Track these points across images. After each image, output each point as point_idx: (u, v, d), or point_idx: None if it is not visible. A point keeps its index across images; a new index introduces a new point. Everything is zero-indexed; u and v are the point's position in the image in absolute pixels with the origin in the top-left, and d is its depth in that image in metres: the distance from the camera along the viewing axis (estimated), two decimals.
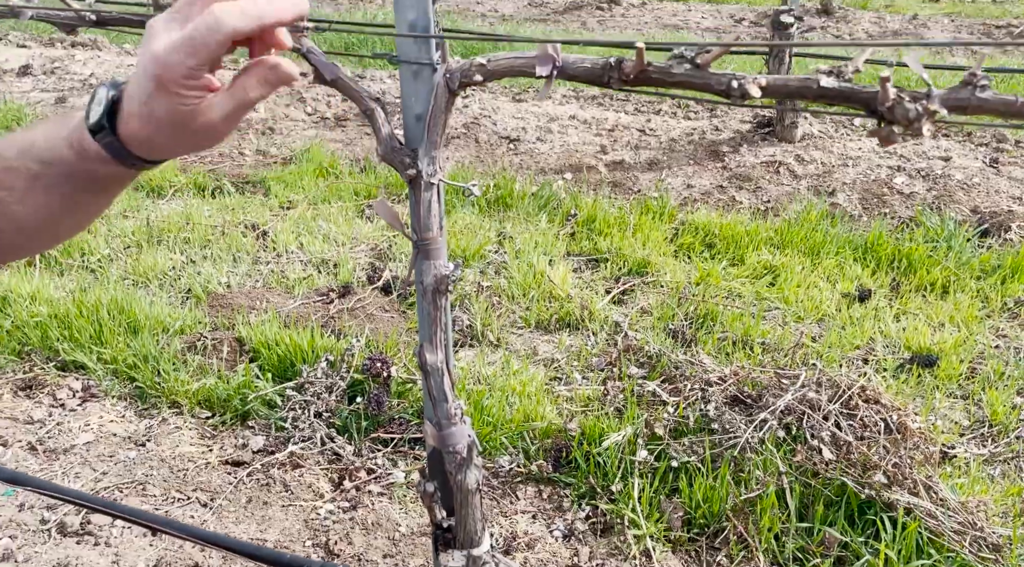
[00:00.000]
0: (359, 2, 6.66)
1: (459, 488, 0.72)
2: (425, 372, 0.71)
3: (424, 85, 0.71)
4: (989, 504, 1.51)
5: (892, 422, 1.60)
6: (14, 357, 2.02)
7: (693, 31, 5.78)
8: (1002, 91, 0.57)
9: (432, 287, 0.72)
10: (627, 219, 2.85)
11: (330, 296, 2.37)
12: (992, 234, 2.69)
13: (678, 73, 0.58)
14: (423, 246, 0.74)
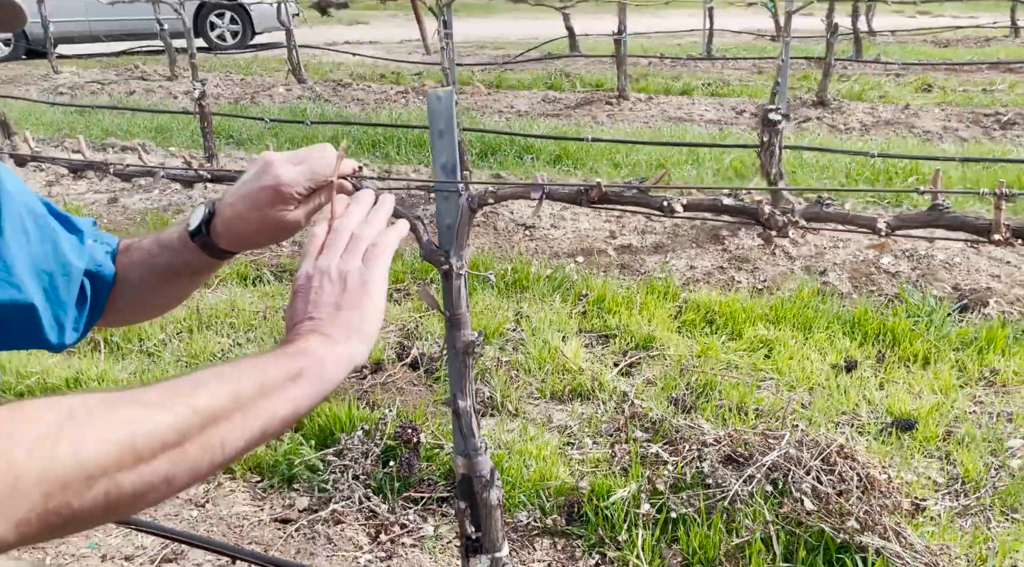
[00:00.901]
0: (384, 102, 7.16)
1: (484, 504, 0.95)
2: (457, 415, 0.96)
3: (453, 205, 0.98)
4: (954, 548, 1.69)
5: (863, 476, 1.80)
6: None
7: (697, 123, 6.16)
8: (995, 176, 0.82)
9: (462, 350, 0.97)
10: (634, 298, 3.11)
11: (363, 373, 2.62)
12: (971, 309, 2.91)
13: (627, 196, 0.84)
14: (454, 319, 1.00)
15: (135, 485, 0.53)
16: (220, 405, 0.58)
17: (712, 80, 7.85)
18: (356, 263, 0.75)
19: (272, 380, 0.62)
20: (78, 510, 0.50)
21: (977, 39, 10.48)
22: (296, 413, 0.64)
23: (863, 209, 3.95)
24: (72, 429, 0.51)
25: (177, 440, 0.55)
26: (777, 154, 3.60)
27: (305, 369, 0.64)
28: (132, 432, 0.53)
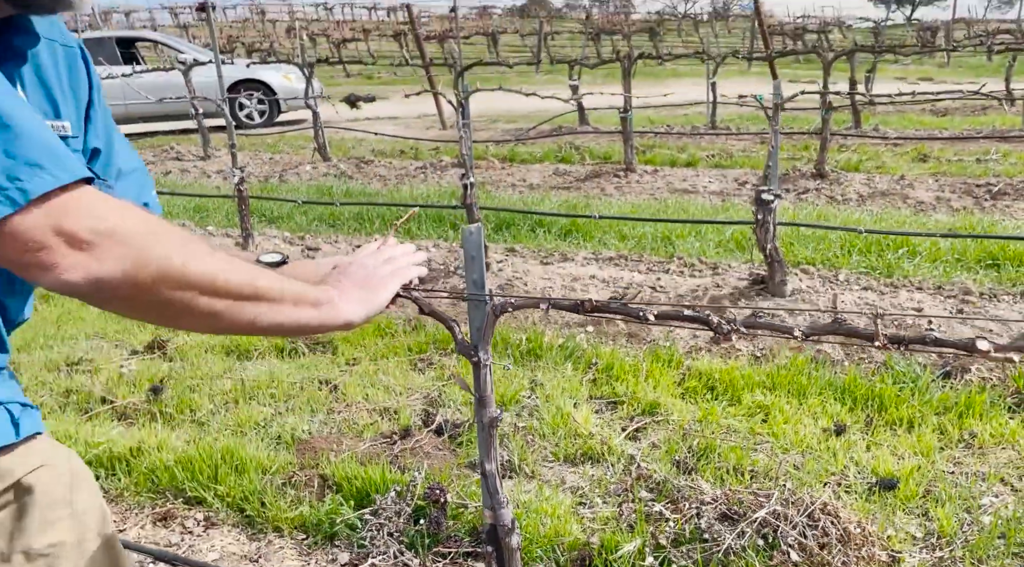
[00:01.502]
0: (404, 177, 7.56)
1: (507, 548, 1.20)
2: (484, 476, 1.22)
3: (480, 311, 1.26)
4: None
5: (844, 531, 2.02)
6: (151, 495, 2.54)
7: (701, 194, 6.50)
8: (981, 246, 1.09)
9: (487, 424, 1.24)
10: (640, 366, 3.36)
11: (393, 438, 2.88)
12: (953, 375, 3.14)
13: (614, 306, 1.12)
14: (482, 400, 1.27)
15: (202, 306, 0.81)
16: (268, 291, 0.88)
17: (716, 151, 8.23)
18: (385, 269, 1.10)
19: (304, 297, 0.93)
20: (161, 299, 0.78)
21: (974, 107, 10.86)
22: (306, 325, 0.94)
23: (856, 278, 4.21)
24: (188, 251, 0.80)
25: (237, 294, 0.84)
26: (771, 231, 3.90)
27: (324, 302, 0.95)
28: (217, 273, 0.82)
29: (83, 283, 0.73)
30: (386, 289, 1.07)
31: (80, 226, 0.72)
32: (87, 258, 0.73)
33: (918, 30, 25.34)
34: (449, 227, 5.48)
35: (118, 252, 0.74)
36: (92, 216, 0.73)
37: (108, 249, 0.74)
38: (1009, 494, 2.44)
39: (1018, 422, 2.79)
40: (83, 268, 0.72)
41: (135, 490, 2.59)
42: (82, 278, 0.73)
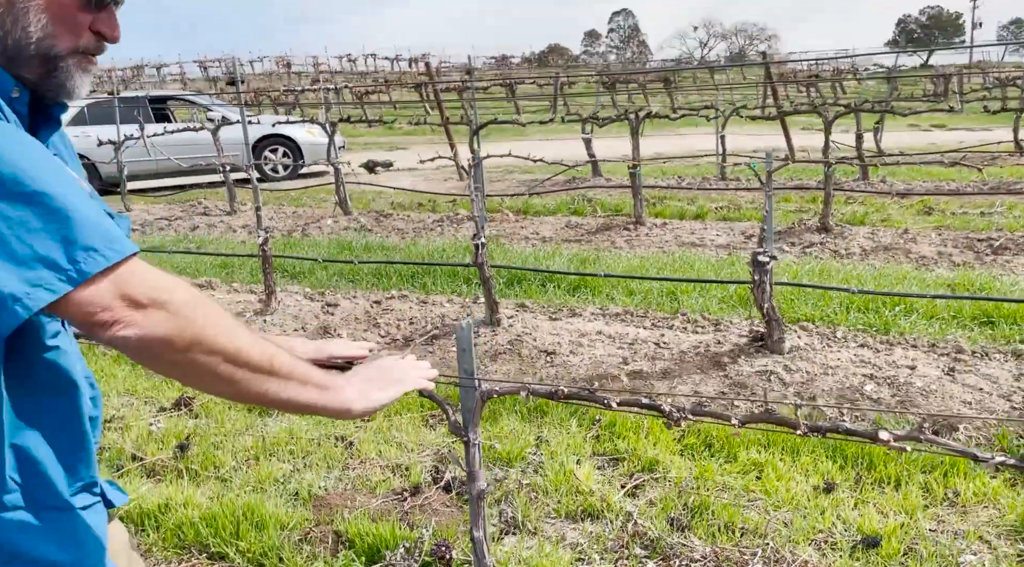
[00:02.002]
0: (421, 231, 7.82)
1: None
2: (473, 541, 1.40)
3: (471, 395, 1.46)
4: None
5: None
6: (177, 550, 2.72)
7: (708, 247, 6.68)
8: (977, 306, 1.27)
9: (476, 496, 1.42)
10: (641, 424, 3.51)
11: (403, 495, 3.04)
12: (941, 434, 3.27)
13: (584, 395, 1.30)
14: (471, 474, 1.45)
15: (224, 372, 0.96)
16: (281, 369, 1.02)
17: (725, 203, 8.43)
18: (395, 374, 1.25)
19: (311, 378, 1.07)
20: (191, 361, 0.93)
21: (984, 157, 11.00)
22: (310, 404, 1.07)
23: (853, 335, 4.35)
24: (221, 325, 0.96)
25: (255, 367, 0.99)
26: (768, 291, 4.07)
27: (329, 387, 1.09)
28: (241, 347, 0.97)
29: (133, 339, 0.90)
30: (389, 390, 1.21)
31: (138, 292, 0.90)
32: (142, 318, 0.89)
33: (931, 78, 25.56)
34: (463, 282, 5.69)
35: (165, 316, 0.90)
36: (147, 284, 0.92)
37: (158, 313, 0.90)
38: (987, 552, 2.55)
39: (1000, 481, 2.91)
40: (136, 326, 0.89)
41: (163, 545, 2.78)
42: (133, 334, 0.90)
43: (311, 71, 36.76)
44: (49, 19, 1.03)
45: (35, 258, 0.85)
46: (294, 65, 39.25)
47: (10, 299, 0.85)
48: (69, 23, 1.05)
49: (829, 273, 5.51)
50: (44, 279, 0.85)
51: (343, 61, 40.27)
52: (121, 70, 39.23)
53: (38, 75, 1.06)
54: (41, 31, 1.03)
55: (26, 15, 1.02)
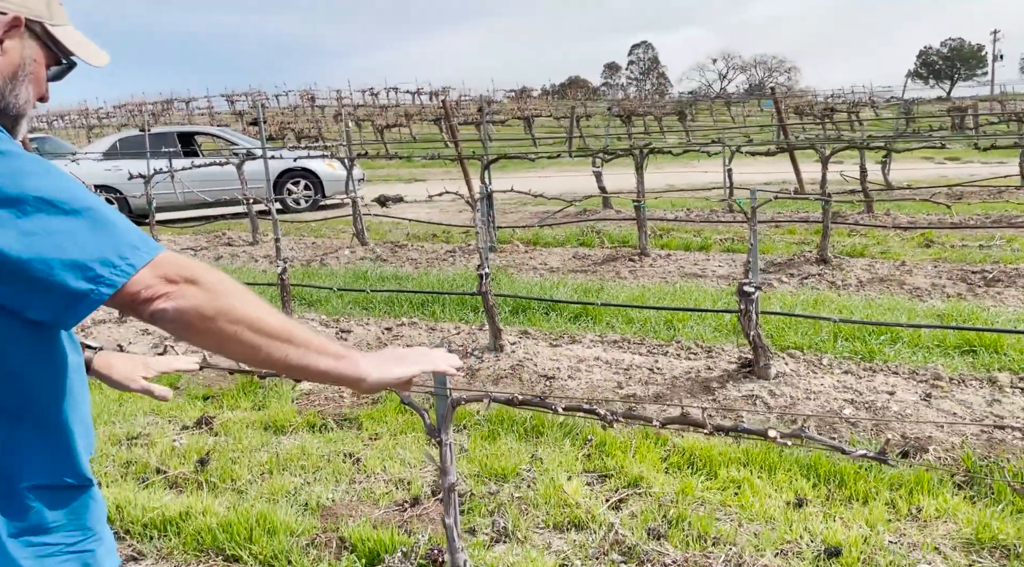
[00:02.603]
0: (434, 261, 8.13)
1: None
2: (444, 527, 1.65)
3: (443, 402, 1.71)
4: None
5: None
6: (196, 553, 2.98)
7: (709, 278, 6.91)
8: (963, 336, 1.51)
9: (447, 488, 1.68)
10: (630, 444, 3.74)
11: (404, 506, 3.29)
12: (911, 455, 3.46)
13: (534, 402, 1.56)
14: (444, 469, 1.70)
15: (247, 338, 1.08)
16: (299, 337, 1.13)
17: (731, 235, 8.66)
18: (417, 357, 1.33)
19: (330, 350, 1.16)
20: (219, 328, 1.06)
21: (990, 190, 11.15)
22: (327, 372, 1.16)
23: (839, 363, 4.55)
24: (244, 298, 1.09)
25: (275, 335, 1.10)
26: (754, 319, 4.29)
27: (344, 356, 1.18)
28: (262, 316, 1.09)
29: (171, 310, 1.05)
30: (406, 365, 1.29)
31: (173, 272, 1.06)
32: (176, 291, 1.05)
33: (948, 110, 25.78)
34: (470, 310, 5.96)
35: (195, 290, 1.06)
36: (180, 266, 1.08)
37: (189, 288, 1.06)
38: (941, 562, 2.74)
39: (960, 498, 3.10)
40: (172, 299, 1.05)
41: (183, 549, 3.04)
42: (171, 306, 1.05)
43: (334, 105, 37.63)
44: (33, 89, 1.26)
45: (95, 259, 1.06)
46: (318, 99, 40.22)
47: (81, 294, 1.06)
48: (39, 89, 1.28)
49: (822, 303, 5.72)
50: (105, 275, 1.06)
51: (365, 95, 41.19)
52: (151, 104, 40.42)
53: (8, 128, 1.24)
54: (25, 98, 1.25)
55: (22, 86, 1.24)
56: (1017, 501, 3.03)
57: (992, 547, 2.78)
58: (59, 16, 1.26)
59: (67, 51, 1.27)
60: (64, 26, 1.27)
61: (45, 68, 1.27)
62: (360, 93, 41.27)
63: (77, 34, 1.30)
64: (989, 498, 3.08)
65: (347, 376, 1.19)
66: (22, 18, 1.20)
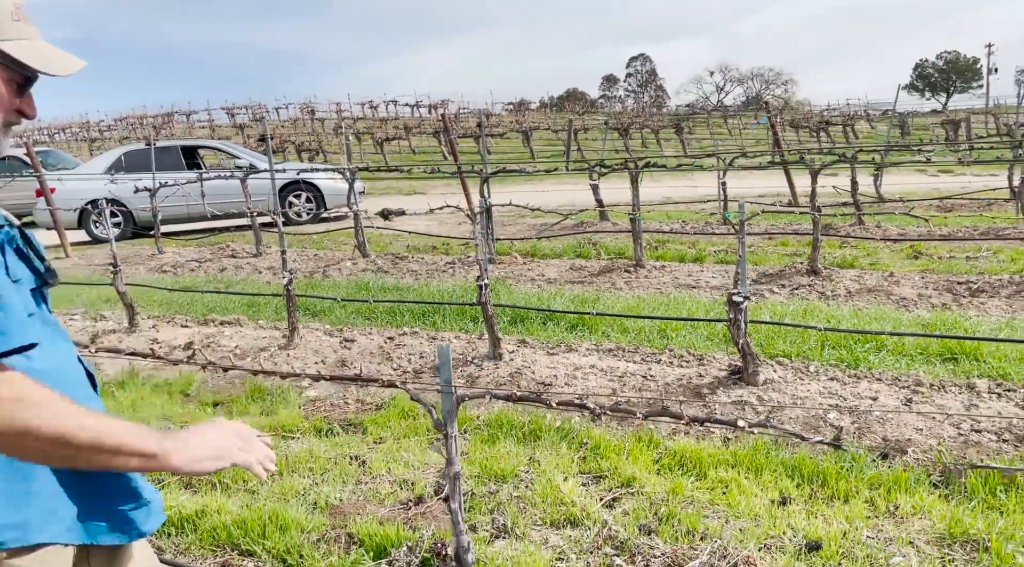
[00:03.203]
0: (434, 273, 8.31)
1: (464, 562, 1.79)
2: (450, 511, 1.82)
3: (448, 399, 1.89)
4: None
5: None
6: (212, 548, 3.15)
7: (703, 289, 7.09)
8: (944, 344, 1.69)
9: (452, 476, 1.85)
10: (624, 446, 3.91)
11: (408, 505, 3.46)
12: (891, 457, 3.64)
13: (532, 397, 1.74)
14: (449, 459, 1.88)
15: (55, 454, 1.14)
16: (110, 446, 1.17)
17: (724, 247, 8.85)
18: (232, 446, 1.38)
19: (141, 448, 1.21)
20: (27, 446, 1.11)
21: (980, 203, 11.37)
22: (140, 468, 1.25)
23: (824, 370, 4.74)
24: (48, 415, 1.12)
25: (83, 447, 1.15)
26: (743, 328, 4.48)
27: (159, 457, 1.23)
28: (66, 432, 1.13)
29: None
30: (221, 460, 1.35)
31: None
32: None
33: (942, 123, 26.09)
34: (470, 320, 6.14)
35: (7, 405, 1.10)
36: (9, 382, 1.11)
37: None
38: (914, 555, 2.91)
39: (936, 497, 3.27)
40: None
41: (199, 544, 3.21)
42: None
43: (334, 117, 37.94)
44: None
45: None
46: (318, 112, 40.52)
47: None
48: (3, 105, 1.32)
49: (811, 313, 5.90)
50: None
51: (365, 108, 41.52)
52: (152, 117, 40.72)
53: None
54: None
55: None
56: (988, 498, 3.21)
57: (963, 541, 2.95)
58: (10, 31, 1.29)
59: (23, 65, 1.29)
60: (18, 40, 1.29)
61: (7, 84, 1.30)
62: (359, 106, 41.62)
63: (43, 47, 1.33)
64: (962, 496, 3.26)
65: (161, 469, 1.27)
66: None
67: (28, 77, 1.32)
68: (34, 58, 1.30)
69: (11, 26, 1.29)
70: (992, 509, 3.15)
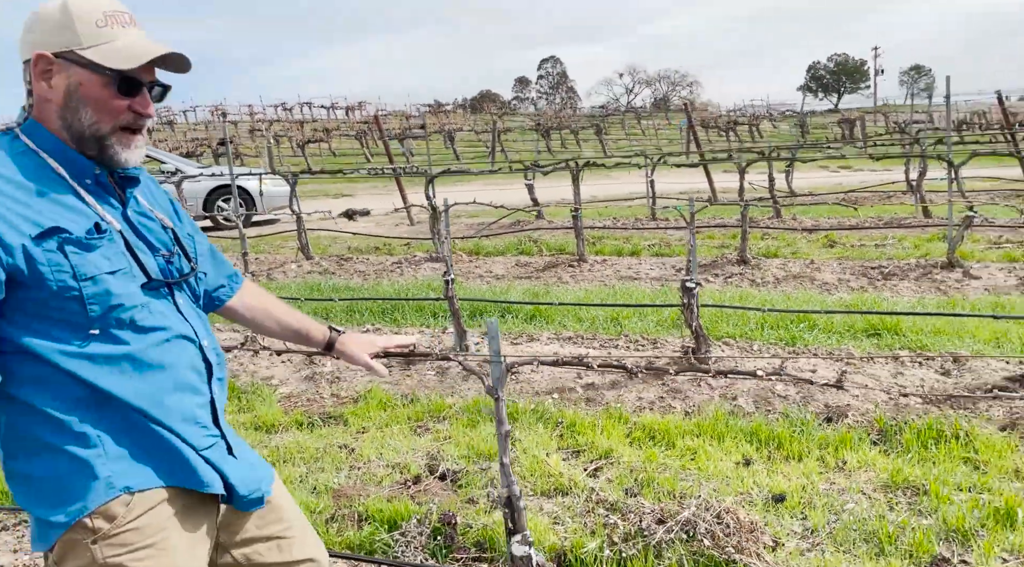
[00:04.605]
0: (382, 272, 8.46)
1: (518, 508, 2.06)
2: (501, 465, 2.09)
3: (498, 367, 2.15)
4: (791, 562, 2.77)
5: (741, 524, 2.90)
6: None
7: (644, 280, 7.53)
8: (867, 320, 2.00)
9: (503, 434, 2.11)
10: (597, 423, 4.24)
11: (407, 484, 3.68)
12: (835, 420, 4.09)
13: (573, 362, 2.02)
14: (499, 419, 2.14)
15: None
16: None
17: (656, 241, 9.35)
18: None
19: None
20: None
21: (881, 196, 12.30)
22: None
23: (767, 348, 5.20)
24: None
25: None
26: (695, 312, 4.88)
27: None
28: None
29: None
30: None
31: None
32: None
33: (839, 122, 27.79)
34: (430, 315, 6.36)
35: None
36: None
37: None
38: (865, 501, 3.34)
39: (877, 452, 3.73)
40: None
41: None
42: None
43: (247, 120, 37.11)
44: (92, 110, 1.35)
45: None
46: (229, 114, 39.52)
47: None
48: (108, 108, 1.36)
49: (747, 298, 6.39)
50: None
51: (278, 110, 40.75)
52: None
53: (96, 152, 1.39)
54: (89, 119, 1.35)
55: (78, 110, 1.35)
56: (921, 451, 3.69)
57: (904, 487, 3.40)
58: (92, 39, 1.34)
59: (103, 68, 1.35)
60: (99, 45, 1.34)
61: (104, 87, 1.36)
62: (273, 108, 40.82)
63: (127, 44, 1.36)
64: (899, 450, 3.72)
65: None
66: (48, 54, 1.33)
67: (129, 78, 1.37)
68: (110, 57, 1.35)
69: (95, 32, 1.35)
70: (925, 461, 3.62)
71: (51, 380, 1.37)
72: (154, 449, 1.46)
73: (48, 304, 1.34)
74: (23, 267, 1.31)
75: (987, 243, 8.24)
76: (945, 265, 6.98)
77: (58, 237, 1.34)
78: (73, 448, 1.40)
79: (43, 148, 1.39)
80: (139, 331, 1.43)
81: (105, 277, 1.38)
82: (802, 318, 5.52)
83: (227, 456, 1.57)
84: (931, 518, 3.13)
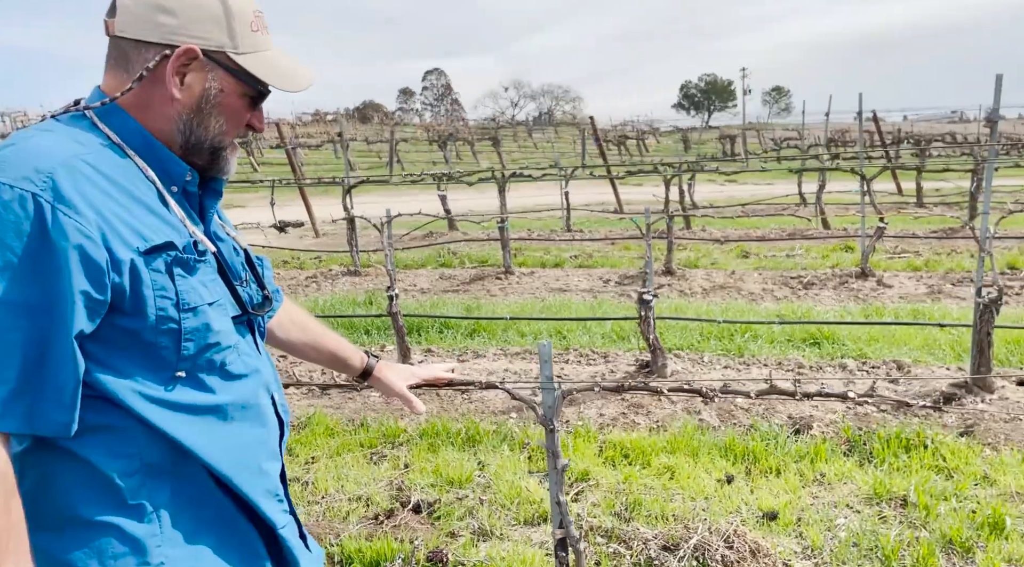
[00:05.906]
0: (297, 288, 7.99)
1: (577, 551, 1.85)
2: (556, 504, 1.87)
3: (551, 394, 1.94)
4: None
5: (751, 547, 2.80)
6: None
7: (574, 292, 7.44)
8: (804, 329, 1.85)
9: (560, 469, 1.90)
10: (566, 442, 4.06)
11: (379, 519, 3.37)
12: (801, 432, 4.10)
13: (639, 386, 1.84)
14: (554, 452, 1.93)
15: None
16: None
17: (576, 252, 9.32)
18: None
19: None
20: None
21: (775, 208, 12.83)
22: None
23: (717, 359, 5.20)
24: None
25: None
26: (652, 324, 4.81)
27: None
28: None
29: None
30: None
31: None
32: None
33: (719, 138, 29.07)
34: (363, 333, 6.01)
35: None
36: None
37: None
38: (854, 515, 3.33)
39: (852, 463, 3.75)
40: None
41: None
42: None
43: None
44: (225, 119, 1.22)
45: None
46: None
47: None
48: (237, 120, 1.24)
49: (682, 310, 6.42)
50: None
51: None
52: None
53: (205, 161, 1.25)
54: (217, 129, 1.22)
55: (209, 117, 1.20)
56: (894, 461, 3.73)
57: (888, 499, 3.42)
58: (247, 44, 1.20)
59: (255, 79, 1.21)
60: (254, 53, 1.21)
61: (241, 98, 1.22)
62: None
63: (275, 58, 1.25)
64: (874, 461, 3.76)
65: None
66: (197, 50, 1.16)
67: (262, 92, 1.24)
68: (268, 73, 1.21)
69: (249, 38, 1.20)
70: (900, 471, 3.66)
71: (122, 430, 1.08)
72: (224, 530, 1.17)
73: (140, 337, 1.06)
74: (127, 289, 1.04)
75: (886, 253, 8.69)
76: (859, 274, 7.28)
77: (167, 255, 1.07)
78: (122, 521, 1.10)
79: (129, 143, 1.13)
80: (227, 378, 1.17)
81: (205, 309, 1.12)
82: (745, 329, 5.56)
83: (299, 541, 1.30)
84: (924, 530, 3.14)
